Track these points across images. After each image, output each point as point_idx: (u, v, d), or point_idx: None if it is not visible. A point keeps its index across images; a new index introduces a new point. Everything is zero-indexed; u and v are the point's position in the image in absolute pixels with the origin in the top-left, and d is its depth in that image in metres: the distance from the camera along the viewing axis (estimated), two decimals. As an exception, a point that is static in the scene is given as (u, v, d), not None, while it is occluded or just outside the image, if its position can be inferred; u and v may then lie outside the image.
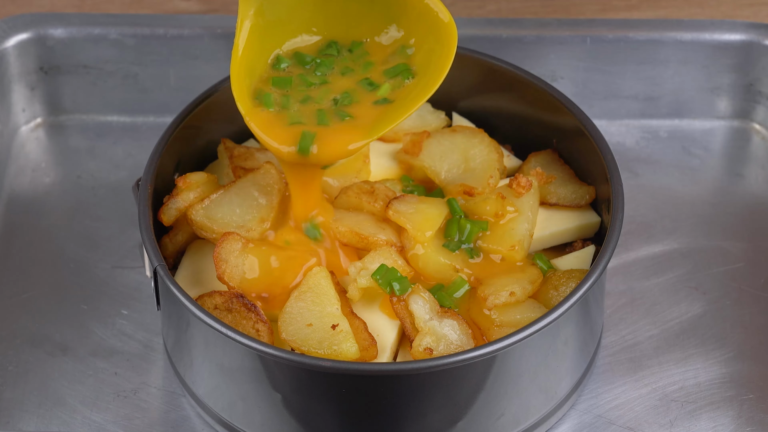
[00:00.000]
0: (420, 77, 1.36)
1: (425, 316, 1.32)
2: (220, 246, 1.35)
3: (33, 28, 1.63)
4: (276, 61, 1.39)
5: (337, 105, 1.36)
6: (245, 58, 1.36)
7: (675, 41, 1.63)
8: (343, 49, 1.40)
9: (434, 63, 1.35)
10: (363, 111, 1.35)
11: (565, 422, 1.40)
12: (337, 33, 1.40)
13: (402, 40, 1.38)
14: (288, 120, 1.34)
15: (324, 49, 1.40)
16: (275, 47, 1.39)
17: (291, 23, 1.39)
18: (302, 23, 1.39)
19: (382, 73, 1.37)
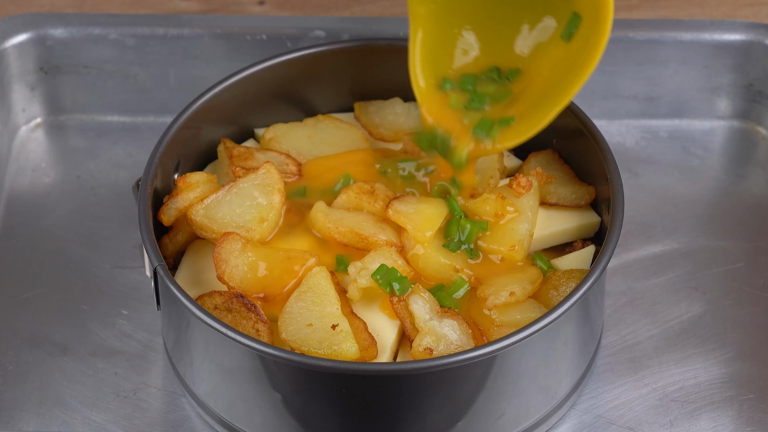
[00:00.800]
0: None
1: (425, 316, 1.32)
2: (220, 246, 1.35)
3: (33, 28, 1.63)
4: (442, 81, 1.42)
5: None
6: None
7: (675, 41, 1.63)
8: (502, 76, 1.41)
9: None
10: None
11: (565, 422, 1.40)
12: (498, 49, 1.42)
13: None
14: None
15: (486, 73, 1.42)
16: (445, 67, 1.42)
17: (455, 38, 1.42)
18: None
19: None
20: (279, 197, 1.39)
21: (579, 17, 1.33)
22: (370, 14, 1.75)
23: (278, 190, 1.39)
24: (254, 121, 1.52)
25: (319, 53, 1.50)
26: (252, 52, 1.62)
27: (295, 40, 1.62)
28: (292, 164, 1.45)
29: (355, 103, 1.53)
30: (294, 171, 1.45)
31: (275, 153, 1.46)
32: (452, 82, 1.42)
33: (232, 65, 1.61)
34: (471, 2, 1.40)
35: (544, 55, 1.39)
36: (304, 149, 1.48)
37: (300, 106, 1.53)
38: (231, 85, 1.47)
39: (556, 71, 1.37)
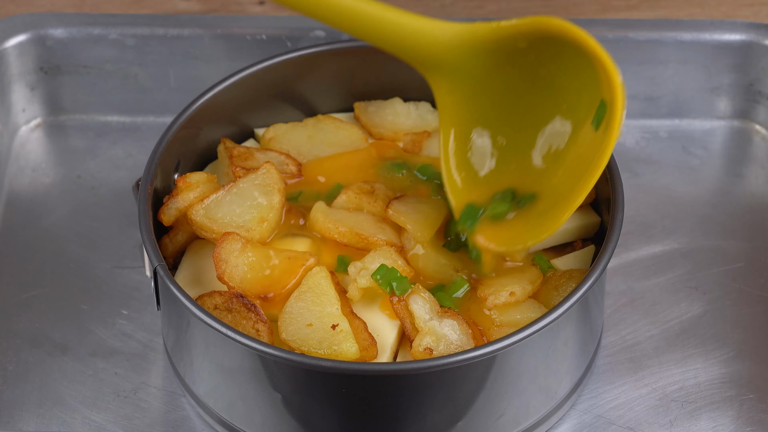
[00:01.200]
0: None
1: (425, 316, 1.32)
2: (220, 246, 1.35)
3: (33, 28, 1.63)
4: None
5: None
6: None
7: (675, 41, 1.63)
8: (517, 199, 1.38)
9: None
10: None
11: (565, 422, 1.40)
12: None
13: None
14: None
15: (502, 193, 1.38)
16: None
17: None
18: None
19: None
20: (279, 197, 1.39)
21: (605, 105, 1.28)
22: (370, 14, 1.75)
23: (278, 190, 1.39)
24: (254, 121, 1.52)
25: (319, 53, 1.50)
26: (252, 52, 1.62)
27: (295, 40, 1.62)
28: (292, 164, 1.45)
29: (355, 103, 1.53)
30: (294, 171, 1.45)
31: (275, 153, 1.46)
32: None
33: (232, 65, 1.61)
34: (490, 108, 1.36)
35: (559, 162, 1.34)
36: (304, 149, 1.48)
37: (300, 106, 1.53)
38: (231, 85, 1.47)
39: (572, 169, 1.33)
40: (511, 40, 1.29)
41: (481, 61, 1.31)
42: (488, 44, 1.29)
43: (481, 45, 1.30)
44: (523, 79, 1.33)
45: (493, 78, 1.33)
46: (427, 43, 1.30)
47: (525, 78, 1.33)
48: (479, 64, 1.31)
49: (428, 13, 1.73)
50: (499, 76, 1.33)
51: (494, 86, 1.33)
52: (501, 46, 1.30)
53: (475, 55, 1.31)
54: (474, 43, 1.30)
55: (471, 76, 1.33)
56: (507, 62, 1.31)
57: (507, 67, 1.32)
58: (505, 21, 1.28)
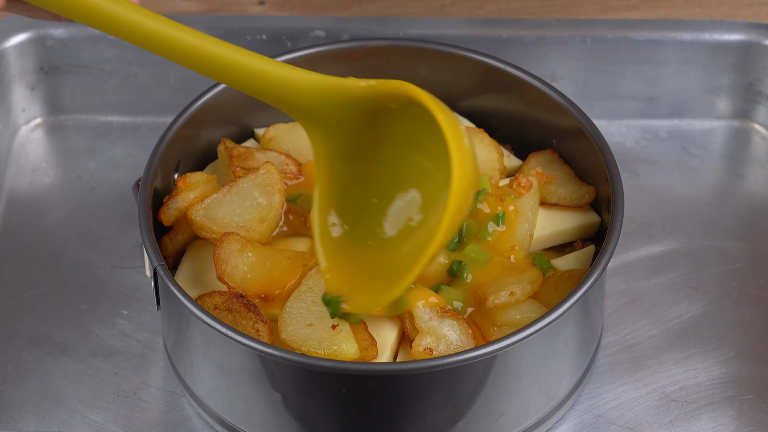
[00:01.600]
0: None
1: (425, 316, 1.32)
2: (220, 246, 1.35)
3: (33, 28, 1.63)
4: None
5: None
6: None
7: (675, 41, 1.63)
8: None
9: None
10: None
11: (565, 422, 1.40)
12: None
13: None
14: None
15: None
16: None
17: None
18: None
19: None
20: (279, 197, 1.39)
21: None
22: (370, 14, 1.75)
23: (278, 190, 1.39)
24: (254, 121, 1.52)
25: (319, 53, 1.50)
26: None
27: (295, 40, 1.62)
28: (292, 164, 1.45)
29: (355, 103, 1.53)
30: (294, 171, 1.45)
31: (275, 153, 1.46)
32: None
33: (232, 65, 1.61)
34: (357, 168, 1.31)
35: (410, 234, 1.29)
36: (304, 149, 1.48)
37: (300, 106, 1.53)
38: (231, 85, 1.47)
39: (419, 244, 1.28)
40: (379, 99, 1.25)
41: (352, 117, 1.27)
42: (358, 101, 1.26)
43: (350, 101, 1.26)
44: (392, 141, 1.29)
45: (363, 135, 1.28)
46: (296, 94, 1.26)
47: (394, 140, 1.28)
48: (351, 120, 1.27)
49: (428, 14, 1.73)
50: (369, 134, 1.28)
51: (364, 144, 1.29)
52: (371, 104, 1.27)
53: (345, 110, 1.27)
54: (343, 99, 1.26)
55: (343, 131, 1.29)
56: (377, 121, 1.27)
57: (377, 126, 1.28)
58: (371, 81, 1.25)
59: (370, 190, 1.31)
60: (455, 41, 1.61)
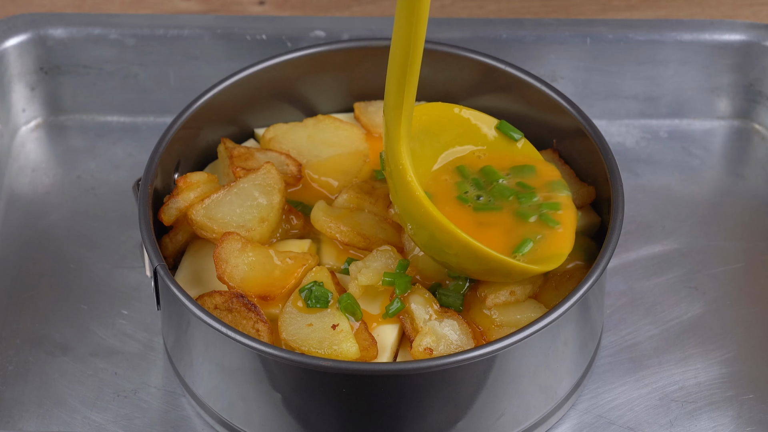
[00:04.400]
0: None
1: (425, 316, 1.32)
2: (220, 246, 1.35)
3: (33, 28, 1.63)
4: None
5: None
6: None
7: (675, 41, 1.63)
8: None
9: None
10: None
11: (565, 422, 1.40)
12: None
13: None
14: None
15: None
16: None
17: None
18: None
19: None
20: (279, 197, 1.39)
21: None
22: (370, 14, 1.76)
23: (278, 190, 1.39)
24: (254, 121, 1.52)
25: (319, 53, 1.50)
26: (252, 52, 1.62)
27: (295, 40, 1.62)
28: (292, 164, 1.45)
29: (355, 103, 1.53)
30: (294, 171, 1.45)
31: (275, 153, 1.46)
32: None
33: (232, 65, 1.61)
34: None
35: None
36: (304, 149, 1.48)
37: (300, 106, 1.53)
38: (231, 85, 1.47)
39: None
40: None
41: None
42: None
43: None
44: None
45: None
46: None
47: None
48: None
49: (428, 14, 1.73)
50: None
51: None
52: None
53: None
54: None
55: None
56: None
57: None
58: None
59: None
60: (455, 41, 1.61)
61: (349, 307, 1.32)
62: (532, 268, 1.31)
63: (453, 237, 1.29)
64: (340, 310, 1.32)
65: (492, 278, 1.34)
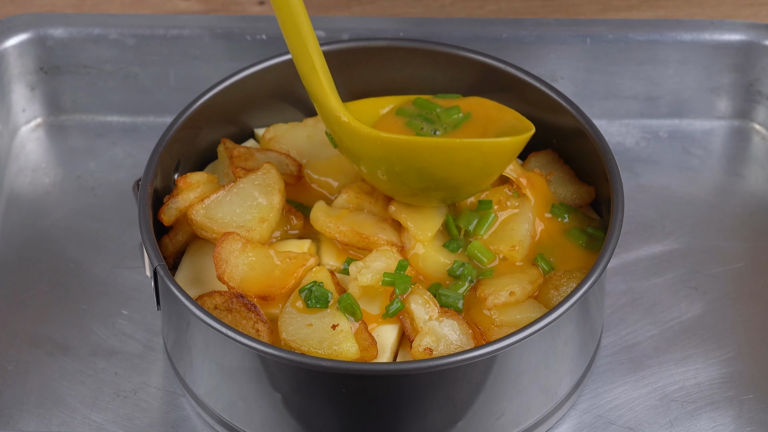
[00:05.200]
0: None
1: (425, 316, 1.32)
2: (220, 246, 1.35)
3: (33, 28, 1.63)
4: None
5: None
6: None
7: (675, 41, 1.63)
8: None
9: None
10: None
11: (565, 422, 1.40)
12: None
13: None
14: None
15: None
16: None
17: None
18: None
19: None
20: (279, 197, 1.39)
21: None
22: (370, 14, 1.76)
23: (278, 191, 1.39)
24: (254, 121, 1.52)
25: (319, 53, 1.49)
26: (252, 52, 1.62)
27: (295, 40, 1.62)
28: (292, 164, 1.45)
29: (355, 103, 1.53)
30: (294, 171, 1.45)
31: (275, 153, 1.46)
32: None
33: (232, 65, 1.61)
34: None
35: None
36: (304, 149, 1.48)
37: (300, 106, 1.53)
38: (231, 85, 1.47)
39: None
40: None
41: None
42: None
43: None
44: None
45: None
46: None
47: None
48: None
49: (428, 14, 1.74)
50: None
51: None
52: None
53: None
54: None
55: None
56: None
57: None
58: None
59: None
60: (455, 41, 1.61)
61: (349, 307, 1.32)
62: (504, 139, 1.33)
63: (419, 144, 1.32)
64: (340, 310, 1.32)
65: (475, 184, 1.36)
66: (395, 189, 1.37)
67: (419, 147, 1.33)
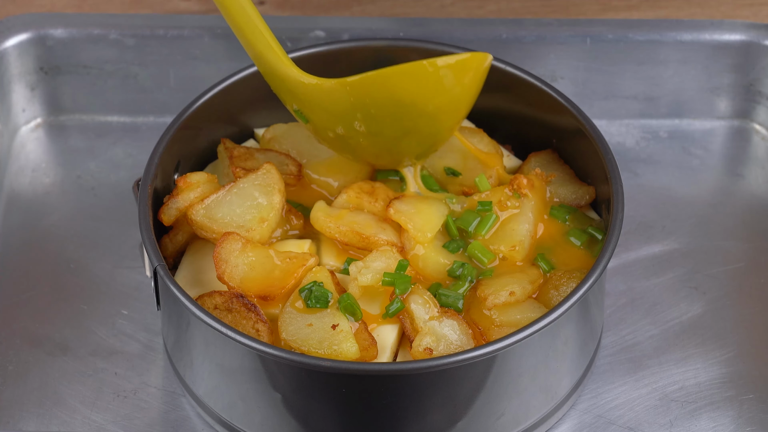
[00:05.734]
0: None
1: (425, 316, 1.32)
2: (220, 246, 1.35)
3: (33, 28, 1.63)
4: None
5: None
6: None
7: (675, 41, 1.63)
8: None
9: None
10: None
11: (565, 422, 1.40)
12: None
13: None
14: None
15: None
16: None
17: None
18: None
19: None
20: (279, 197, 1.39)
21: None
22: (370, 14, 1.76)
23: (278, 191, 1.39)
24: (254, 121, 1.52)
25: (319, 53, 1.50)
26: (252, 52, 1.62)
27: (295, 40, 1.62)
28: (292, 164, 1.45)
29: (355, 103, 1.53)
30: (294, 171, 1.45)
31: (275, 153, 1.46)
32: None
33: (232, 65, 1.61)
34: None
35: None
36: (304, 149, 1.48)
37: (300, 106, 1.53)
38: (231, 85, 1.47)
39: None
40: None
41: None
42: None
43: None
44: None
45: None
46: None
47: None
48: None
49: (428, 14, 1.74)
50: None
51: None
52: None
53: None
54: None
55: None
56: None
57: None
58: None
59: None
60: (455, 41, 1.61)
61: (349, 307, 1.32)
62: (466, 54, 1.35)
63: (386, 74, 1.34)
64: (340, 310, 1.32)
65: (449, 115, 1.37)
66: (374, 144, 1.37)
67: (388, 76, 1.34)
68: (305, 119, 1.41)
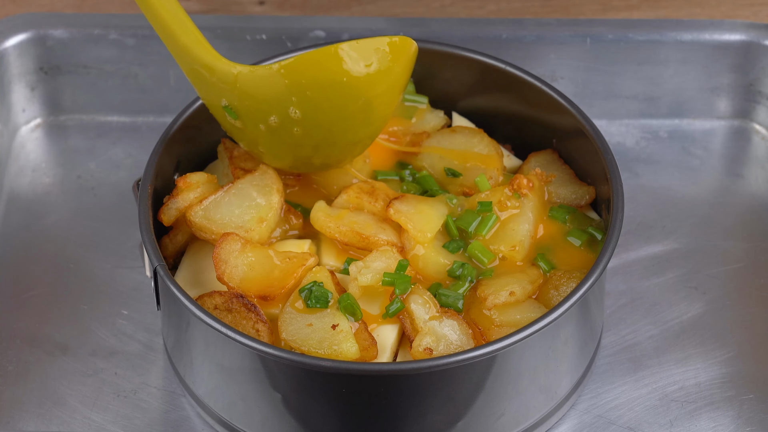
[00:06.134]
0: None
1: (425, 316, 1.32)
2: (220, 246, 1.35)
3: (33, 28, 1.63)
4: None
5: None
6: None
7: (675, 41, 1.63)
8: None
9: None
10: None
11: (565, 422, 1.40)
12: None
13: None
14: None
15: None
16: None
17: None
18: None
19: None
20: (278, 197, 1.39)
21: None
22: (370, 14, 1.76)
23: (277, 190, 1.39)
24: (254, 121, 1.52)
25: (319, 53, 1.49)
26: (252, 52, 1.62)
27: (295, 40, 1.62)
28: (292, 164, 1.45)
29: (355, 103, 1.53)
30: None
31: (275, 153, 1.46)
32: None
33: (232, 65, 1.61)
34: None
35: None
36: (304, 149, 1.48)
37: (300, 106, 1.53)
38: (231, 85, 1.47)
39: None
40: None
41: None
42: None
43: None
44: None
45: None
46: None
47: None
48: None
49: (428, 14, 1.74)
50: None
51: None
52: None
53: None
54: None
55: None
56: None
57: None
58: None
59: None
60: (455, 41, 1.61)
61: (349, 307, 1.32)
62: (400, 37, 1.35)
63: (320, 54, 1.33)
64: (340, 310, 1.32)
65: (374, 105, 1.36)
66: (308, 135, 1.36)
67: (322, 55, 1.34)
68: (234, 115, 1.39)
